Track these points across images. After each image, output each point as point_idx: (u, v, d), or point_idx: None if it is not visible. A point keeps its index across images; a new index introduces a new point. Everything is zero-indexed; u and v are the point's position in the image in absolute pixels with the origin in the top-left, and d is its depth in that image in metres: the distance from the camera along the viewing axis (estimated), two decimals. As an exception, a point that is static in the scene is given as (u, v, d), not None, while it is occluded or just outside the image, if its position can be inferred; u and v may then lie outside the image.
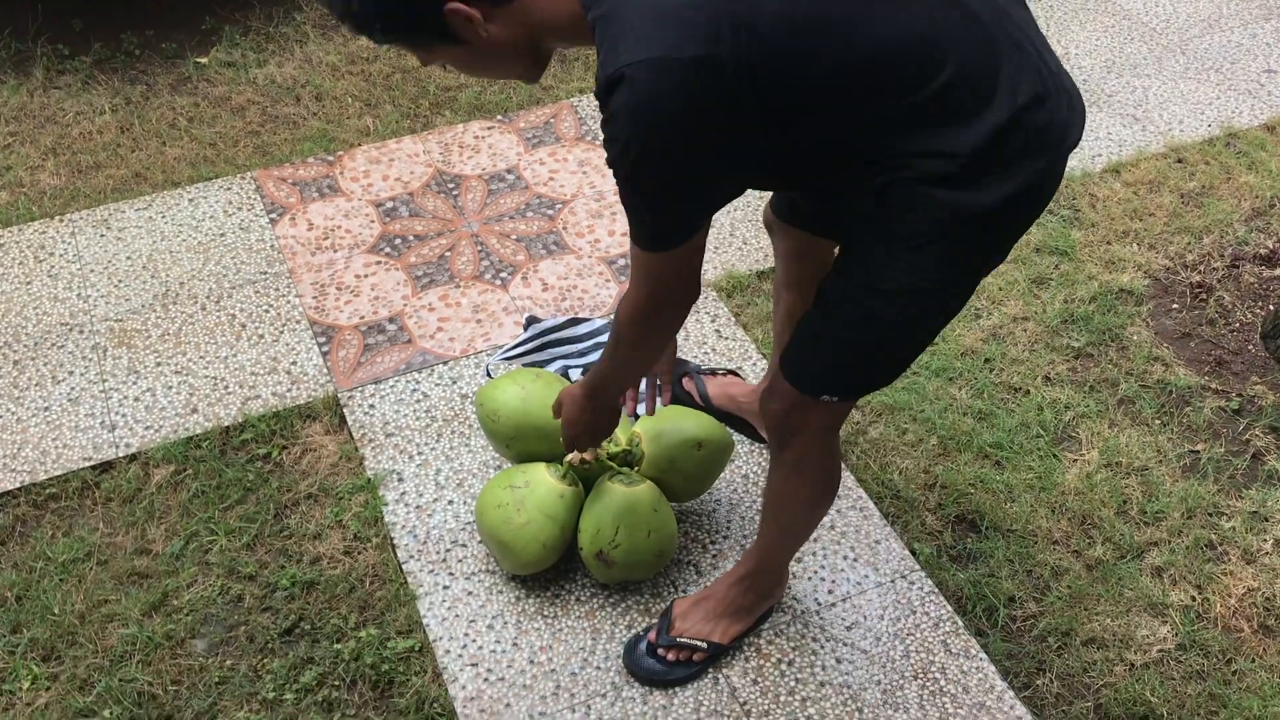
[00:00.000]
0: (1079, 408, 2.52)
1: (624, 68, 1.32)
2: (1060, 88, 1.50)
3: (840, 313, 1.61)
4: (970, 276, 1.59)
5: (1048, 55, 1.51)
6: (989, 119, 1.43)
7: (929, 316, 1.61)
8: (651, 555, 2.07)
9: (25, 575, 2.16)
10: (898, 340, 1.63)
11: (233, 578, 2.17)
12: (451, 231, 2.92)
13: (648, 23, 1.32)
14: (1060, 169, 1.54)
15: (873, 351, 1.64)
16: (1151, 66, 3.53)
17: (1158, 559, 2.24)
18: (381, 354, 2.59)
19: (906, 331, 1.62)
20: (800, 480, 1.84)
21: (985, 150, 1.43)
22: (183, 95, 3.33)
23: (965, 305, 1.68)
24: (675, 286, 1.55)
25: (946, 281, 1.56)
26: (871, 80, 1.41)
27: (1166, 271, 2.85)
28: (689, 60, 1.31)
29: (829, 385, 1.67)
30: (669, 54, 1.31)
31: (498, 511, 2.06)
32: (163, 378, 2.52)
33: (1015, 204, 1.49)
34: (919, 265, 1.51)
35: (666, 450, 2.11)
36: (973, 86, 1.43)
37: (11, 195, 2.99)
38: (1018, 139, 1.44)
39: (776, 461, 1.84)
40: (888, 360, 1.67)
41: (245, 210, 2.96)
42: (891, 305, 1.56)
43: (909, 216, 1.48)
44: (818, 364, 1.67)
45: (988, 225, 1.51)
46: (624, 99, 1.33)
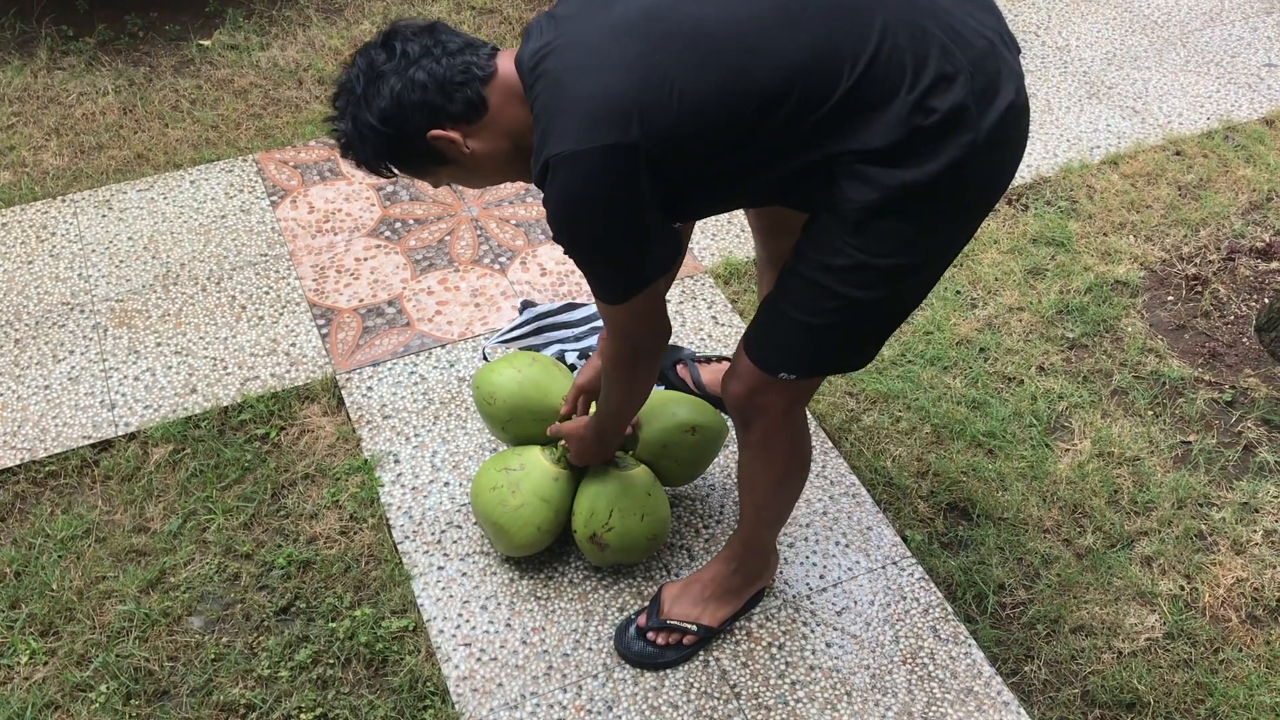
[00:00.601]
0: (1072, 398, 2.53)
1: (549, 159, 1.48)
2: (977, 63, 1.50)
3: (796, 291, 1.64)
4: (924, 255, 1.60)
5: (962, 30, 1.52)
6: (894, 110, 1.47)
7: (886, 296, 1.62)
8: (645, 538, 2.08)
9: (24, 551, 2.18)
10: (854, 320, 1.65)
11: (230, 556, 2.19)
12: (451, 216, 2.94)
13: (564, 116, 1.48)
14: (1000, 139, 1.53)
15: (829, 330, 1.66)
16: (1152, 59, 3.53)
17: (1147, 548, 2.26)
18: (380, 337, 2.61)
19: (862, 311, 1.63)
20: (767, 459, 1.86)
21: (902, 139, 1.48)
22: (185, 77, 3.35)
23: (931, 288, 1.68)
24: (645, 332, 1.71)
25: (897, 258, 1.57)
26: (776, 113, 1.48)
27: (1162, 264, 2.86)
28: (600, 150, 1.46)
29: (787, 363, 1.70)
30: (581, 147, 1.46)
31: (492, 494, 2.07)
32: (162, 358, 2.54)
33: (950, 180, 1.51)
34: (867, 242, 1.54)
35: (660, 434, 2.13)
36: (877, 80, 1.47)
37: (14, 175, 3.00)
38: (931, 120, 1.47)
39: (743, 442, 1.86)
40: (846, 340, 1.69)
41: (246, 192, 2.97)
42: (843, 282, 1.59)
43: (854, 194, 1.52)
44: (775, 342, 1.70)
45: (929, 200, 1.52)
46: (552, 189, 1.51)
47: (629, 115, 1.45)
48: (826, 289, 1.60)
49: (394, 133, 1.56)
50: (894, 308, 1.66)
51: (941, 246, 1.63)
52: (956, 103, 1.48)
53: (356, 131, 1.58)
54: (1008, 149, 1.58)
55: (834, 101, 1.47)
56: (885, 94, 1.47)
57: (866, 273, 1.57)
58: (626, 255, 1.58)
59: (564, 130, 1.47)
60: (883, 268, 1.57)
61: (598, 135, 1.46)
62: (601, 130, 1.46)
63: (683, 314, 2.67)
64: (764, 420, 1.79)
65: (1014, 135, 1.57)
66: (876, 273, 1.57)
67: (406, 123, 1.55)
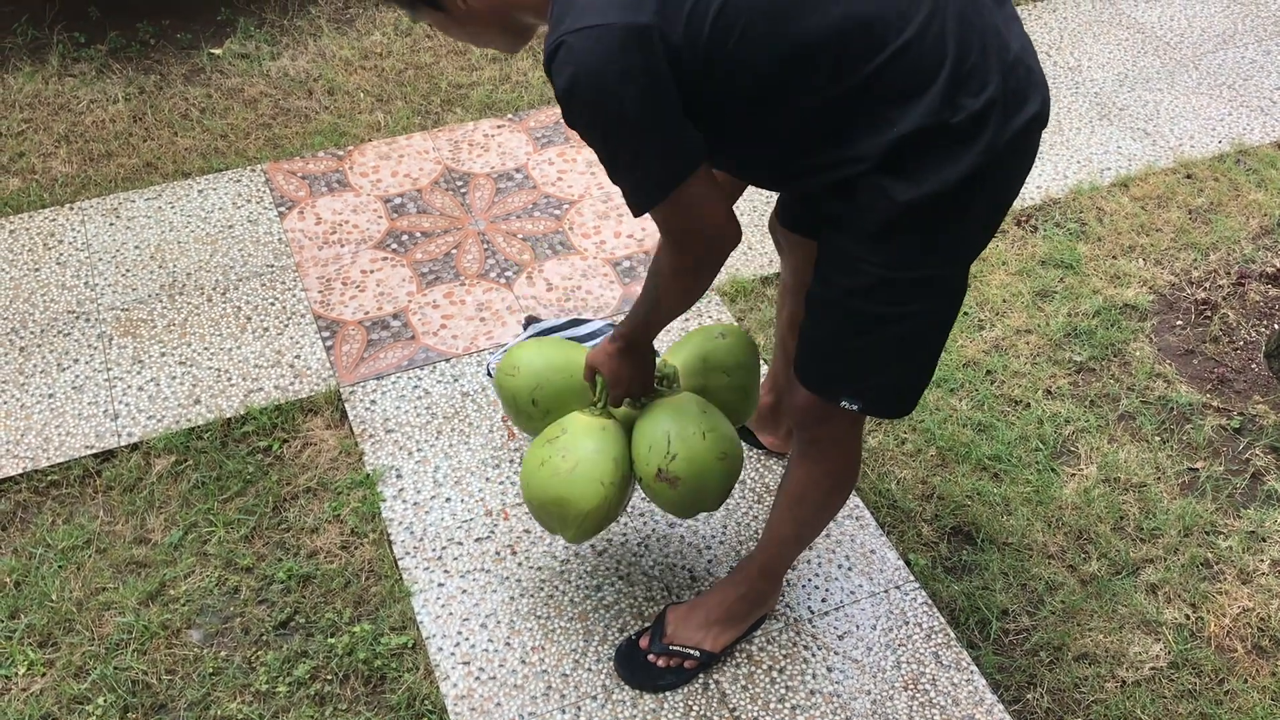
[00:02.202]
0: (1079, 422, 2.52)
1: (564, 35, 1.41)
2: (1009, 68, 1.49)
3: (830, 319, 1.64)
4: (949, 260, 1.59)
5: (1002, 32, 1.50)
6: (926, 101, 1.44)
7: (921, 309, 1.61)
8: (715, 459, 1.89)
9: (24, 561, 2.18)
10: (899, 335, 1.63)
11: (230, 569, 2.19)
12: (458, 229, 2.93)
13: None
14: (1019, 148, 1.52)
15: (877, 351, 1.64)
16: (1164, 81, 3.52)
17: (1153, 576, 2.24)
18: (385, 350, 2.61)
19: (905, 324, 1.61)
20: (824, 471, 1.84)
21: (926, 131, 1.45)
22: (196, 86, 3.35)
23: (963, 299, 1.66)
24: (699, 232, 1.55)
25: (923, 269, 1.56)
26: (804, 69, 1.44)
27: (1171, 288, 2.85)
28: (619, 28, 1.39)
29: (844, 390, 1.67)
30: (603, 22, 1.39)
31: (543, 469, 1.90)
32: (167, 368, 2.54)
33: (968, 188, 1.49)
34: (886, 256, 1.53)
35: (699, 374, 2.00)
36: (916, 60, 1.44)
37: (23, 182, 3.01)
38: (959, 118, 1.45)
39: (801, 453, 1.83)
40: (892, 361, 1.66)
41: (254, 203, 2.97)
42: (873, 300, 1.57)
43: (870, 209, 1.50)
44: (828, 370, 1.69)
45: (948, 208, 1.51)
46: (565, 67, 1.41)
47: (658, 4, 1.40)
48: (860, 312, 1.59)
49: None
50: (938, 316, 1.64)
51: (963, 251, 1.61)
52: (989, 99, 1.46)
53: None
54: (1025, 158, 1.57)
55: (871, 69, 1.43)
56: (921, 80, 1.44)
57: (894, 288, 1.56)
58: (656, 143, 1.47)
59: (585, 8, 1.41)
60: (909, 280, 1.56)
61: (621, 14, 1.39)
62: (626, 10, 1.39)
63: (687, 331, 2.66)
64: (824, 433, 1.77)
65: (1030, 147, 1.56)
66: (904, 286, 1.56)
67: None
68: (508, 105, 3.32)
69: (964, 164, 1.47)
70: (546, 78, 1.45)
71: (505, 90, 3.38)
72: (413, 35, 3.57)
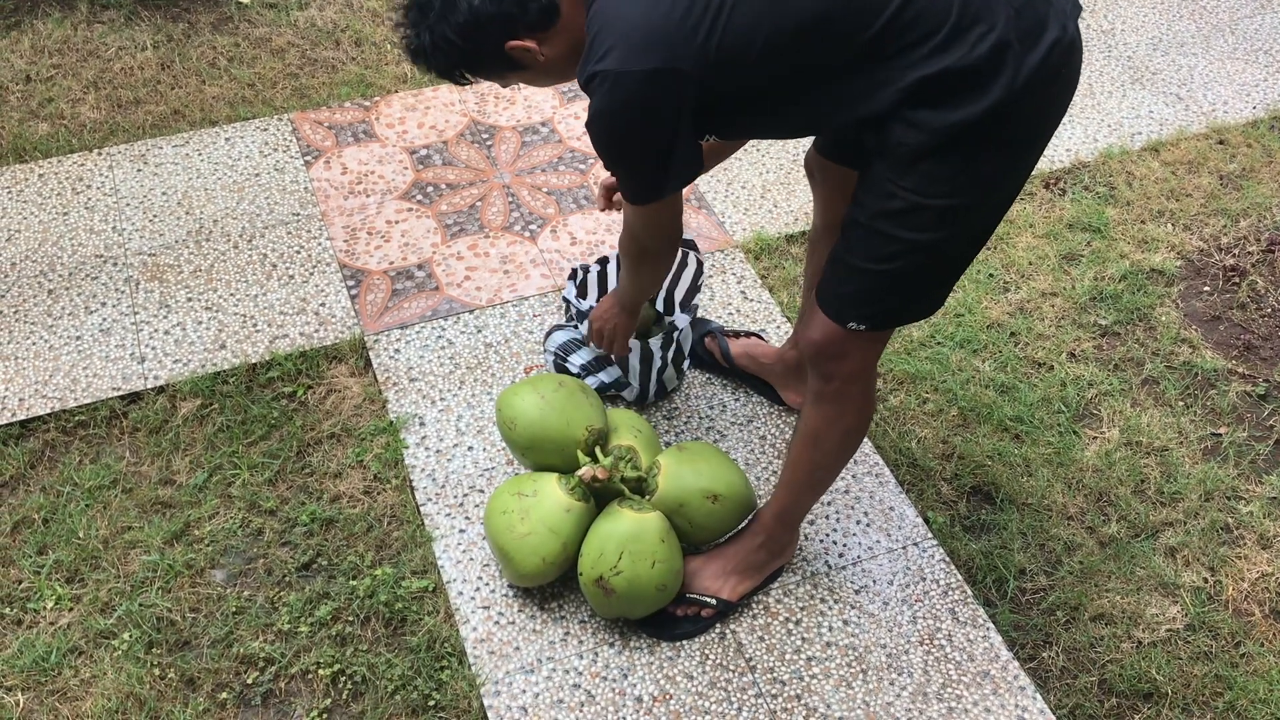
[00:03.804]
0: (1102, 385, 2.51)
1: (594, 72, 1.56)
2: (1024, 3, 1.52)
3: (858, 240, 1.67)
4: (978, 195, 1.61)
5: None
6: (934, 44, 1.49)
7: (945, 238, 1.63)
8: (653, 588, 1.95)
9: (53, 499, 2.21)
10: (917, 265, 1.66)
11: (254, 511, 2.21)
12: (483, 182, 2.93)
13: (613, 33, 1.54)
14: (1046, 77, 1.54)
15: (894, 277, 1.67)
16: (1199, 45, 3.47)
17: (1172, 539, 2.24)
18: (409, 300, 2.62)
19: (924, 254, 1.64)
20: (839, 411, 1.85)
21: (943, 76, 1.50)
22: (224, 35, 3.35)
23: (992, 231, 1.69)
24: (655, 237, 1.84)
25: (950, 199, 1.58)
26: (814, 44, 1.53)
27: (1200, 253, 2.82)
28: (641, 74, 1.54)
29: (856, 313, 1.71)
30: (624, 69, 1.53)
31: (502, 518, 2.00)
32: (193, 313, 2.56)
33: (995, 119, 1.52)
34: (918, 183, 1.57)
35: (679, 493, 2.01)
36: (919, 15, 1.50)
37: (52, 127, 3.02)
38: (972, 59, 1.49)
39: (816, 394, 1.85)
40: (912, 286, 1.70)
41: (281, 151, 2.98)
42: (901, 226, 1.61)
43: (902, 139, 1.55)
44: (843, 292, 1.72)
45: (976, 140, 1.54)
46: (595, 101, 1.59)
47: (674, 41, 1.52)
48: (886, 234, 1.63)
49: (472, 47, 1.64)
50: (956, 251, 1.68)
51: (994, 185, 1.63)
52: (998, 41, 1.49)
53: (434, 44, 1.66)
54: (1056, 84, 1.57)
55: (872, 33, 1.51)
56: (927, 31, 1.50)
57: (922, 214, 1.59)
58: (650, 169, 1.68)
59: (611, 47, 1.54)
60: (937, 209, 1.59)
61: (642, 59, 1.53)
62: (646, 55, 1.53)
63: (712, 288, 2.67)
64: (840, 371, 1.80)
65: (1065, 72, 1.57)
66: (932, 214, 1.59)
67: (485, 36, 1.63)
68: (535, 59, 3.31)
69: (988, 99, 1.51)
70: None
71: (532, 44, 3.36)
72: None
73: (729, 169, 2.98)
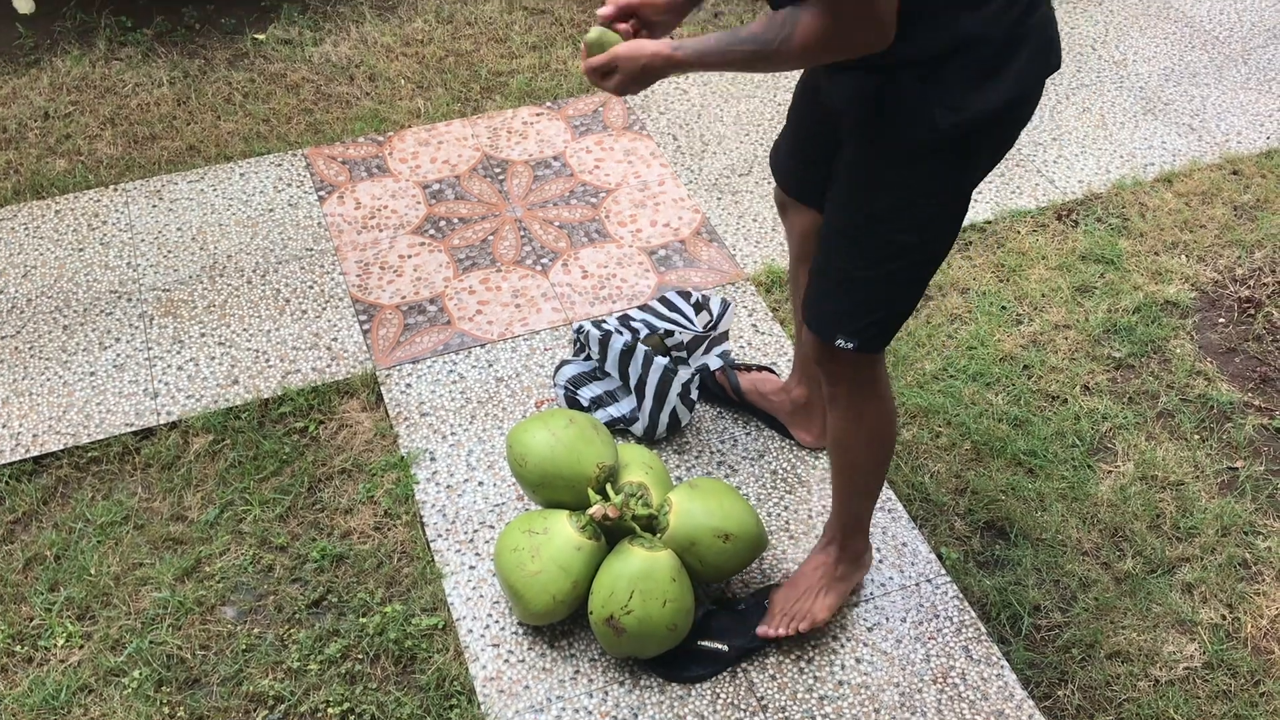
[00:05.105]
0: (1117, 419, 2.49)
1: None
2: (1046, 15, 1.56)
3: (839, 249, 1.67)
4: (963, 194, 1.63)
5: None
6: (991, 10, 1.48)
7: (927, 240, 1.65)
8: (665, 627, 1.94)
9: (65, 535, 2.21)
10: (899, 269, 1.66)
11: (265, 548, 2.21)
12: (496, 215, 2.95)
13: None
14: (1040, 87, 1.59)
15: (878, 284, 1.68)
16: (1211, 76, 3.46)
17: (1189, 575, 2.22)
18: (421, 334, 2.62)
19: (908, 258, 1.65)
20: (856, 416, 1.86)
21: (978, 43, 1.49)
22: (239, 70, 3.38)
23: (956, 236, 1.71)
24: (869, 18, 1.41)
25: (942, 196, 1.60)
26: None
27: (1214, 285, 2.81)
28: None
29: (841, 329, 1.71)
30: None
31: (512, 555, 1.99)
32: (206, 348, 2.57)
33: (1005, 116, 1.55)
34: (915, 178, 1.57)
35: (691, 531, 2.00)
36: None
37: (70, 163, 3.05)
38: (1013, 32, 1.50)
39: (830, 404, 1.87)
40: (895, 292, 1.70)
41: (295, 187, 3.00)
42: (889, 225, 1.62)
43: (907, 129, 1.53)
44: (825, 307, 1.72)
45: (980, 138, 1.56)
46: None
47: None
48: (875, 236, 1.62)
49: None
50: (940, 250, 1.68)
51: (975, 181, 1.65)
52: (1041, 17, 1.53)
53: None
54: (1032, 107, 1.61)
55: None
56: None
57: (915, 213, 1.60)
58: None
59: None
60: (930, 206, 1.60)
61: None
62: None
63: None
64: (845, 381, 1.81)
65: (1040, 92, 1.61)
66: (923, 211, 1.60)
67: None
68: (547, 93, 3.33)
69: (1001, 91, 1.52)
70: None
71: (544, 78, 3.38)
72: (454, 23, 3.59)
73: (739, 201, 2.98)
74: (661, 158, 3.12)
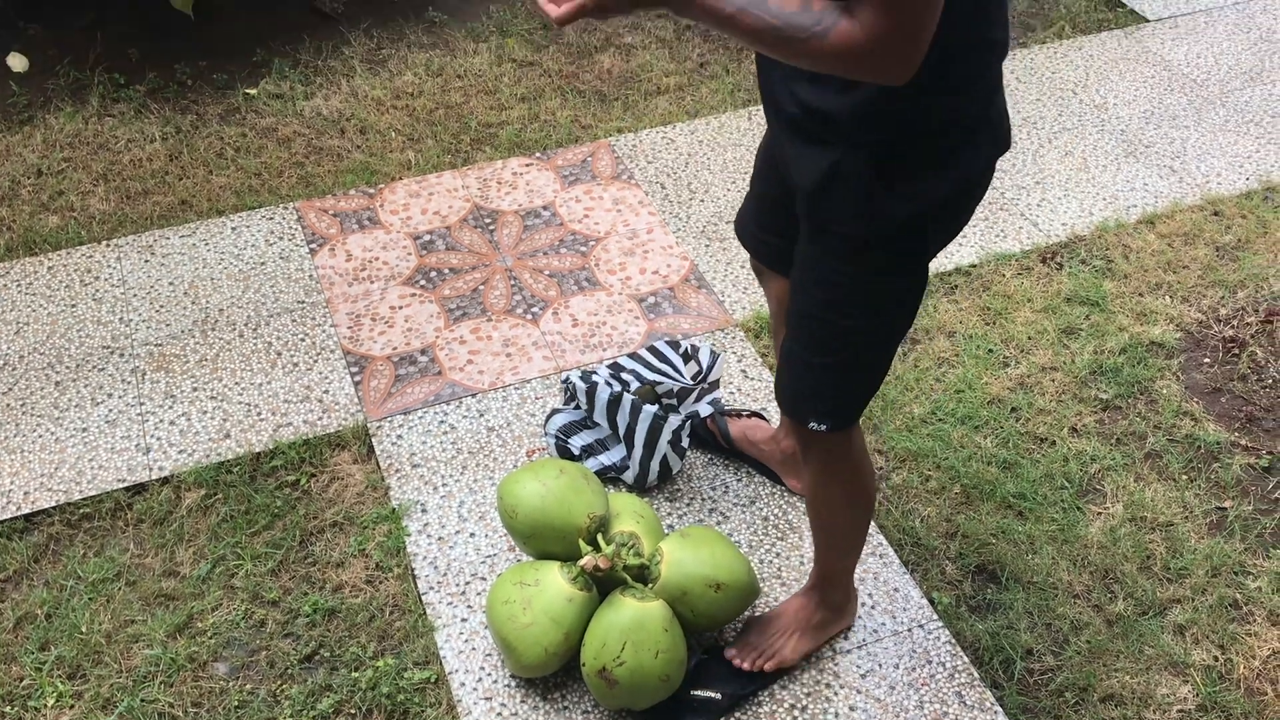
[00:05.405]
0: (1105, 460, 2.50)
1: None
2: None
3: (804, 331, 1.68)
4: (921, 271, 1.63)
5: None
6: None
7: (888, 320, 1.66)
8: (657, 679, 1.94)
9: (56, 593, 2.21)
10: (864, 349, 1.67)
11: (257, 602, 2.21)
12: (486, 265, 2.97)
13: None
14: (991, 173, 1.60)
15: (842, 369, 1.69)
16: (1190, 118, 3.51)
17: (1180, 617, 2.22)
18: (412, 385, 2.64)
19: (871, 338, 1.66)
20: (829, 479, 1.88)
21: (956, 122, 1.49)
22: (231, 125, 3.42)
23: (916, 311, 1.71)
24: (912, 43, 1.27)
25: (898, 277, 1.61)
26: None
27: (1199, 325, 2.83)
28: None
29: (813, 411, 1.72)
30: None
31: (504, 608, 2.00)
32: (198, 402, 2.58)
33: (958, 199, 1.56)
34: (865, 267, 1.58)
35: (682, 580, 2.00)
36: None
37: (62, 219, 3.07)
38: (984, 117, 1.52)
39: (805, 463, 1.88)
40: (861, 372, 1.71)
41: (286, 240, 3.02)
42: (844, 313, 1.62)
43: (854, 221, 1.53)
44: (797, 388, 1.73)
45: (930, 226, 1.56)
46: None
47: None
48: (834, 325, 1.63)
49: None
50: (903, 325, 1.69)
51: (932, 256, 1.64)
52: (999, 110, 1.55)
53: None
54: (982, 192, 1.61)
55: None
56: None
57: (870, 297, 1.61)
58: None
59: None
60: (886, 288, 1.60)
61: None
62: None
63: (712, 368, 2.68)
64: (820, 452, 1.81)
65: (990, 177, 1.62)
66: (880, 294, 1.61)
67: None
68: (536, 144, 3.37)
69: (955, 180, 1.52)
70: None
71: (534, 129, 3.42)
72: (444, 75, 3.63)
73: (727, 249, 3.01)
74: (650, 206, 3.15)
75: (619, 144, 3.37)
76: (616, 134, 3.41)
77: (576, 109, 3.51)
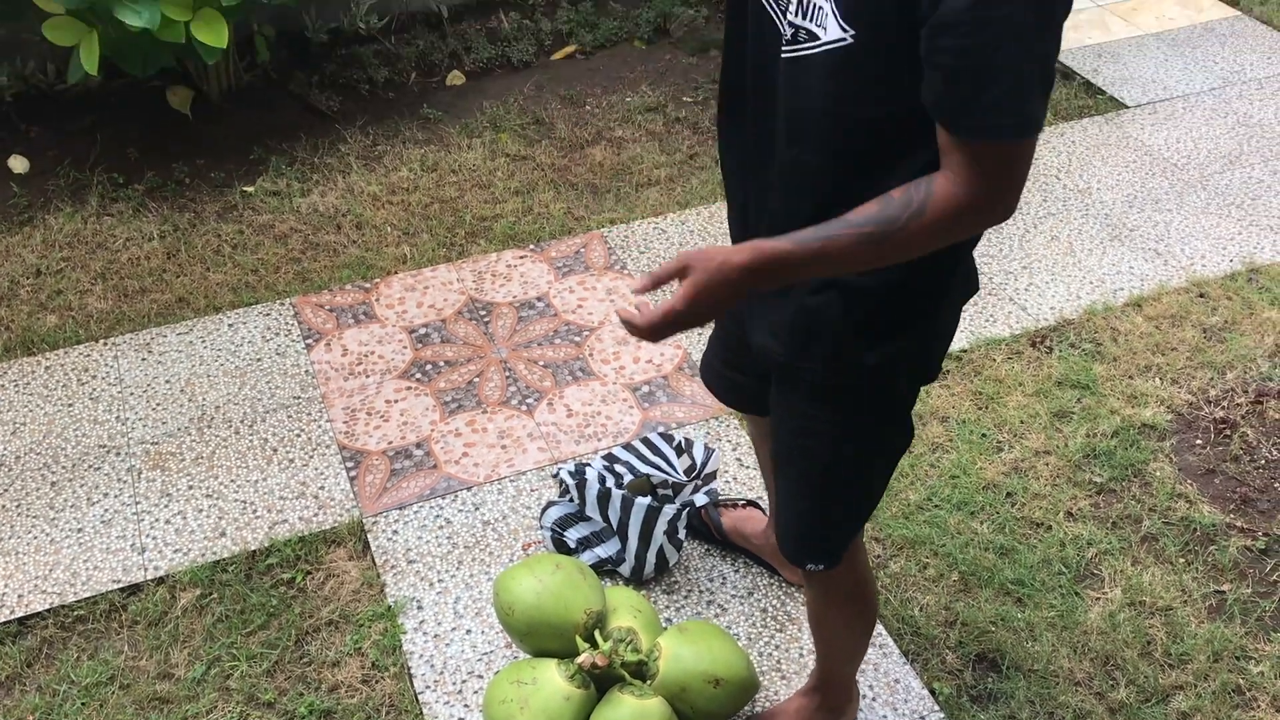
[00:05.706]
0: (1101, 544, 2.50)
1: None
2: None
3: (791, 479, 1.68)
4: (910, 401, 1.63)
5: None
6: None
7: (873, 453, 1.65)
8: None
9: (48, 699, 2.19)
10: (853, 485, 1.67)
11: (252, 704, 2.19)
12: (481, 357, 2.99)
13: None
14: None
15: (834, 510, 1.69)
16: (1173, 201, 3.58)
17: (1183, 703, 2.20)
18: (407, 479, 2.64)
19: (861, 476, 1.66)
20: (827, 600, 1.88)
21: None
22: (228, 222, 3.47)
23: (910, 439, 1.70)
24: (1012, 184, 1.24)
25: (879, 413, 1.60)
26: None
27: (1189, 407, 2.85)
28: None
29: (810, 553, 1.73)
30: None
31: (501, 707, 1.98)
32: (194, 501, 2.58)
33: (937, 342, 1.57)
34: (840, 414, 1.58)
35: (681, 677, 1.99)
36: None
37: (60, 319, 3.10)
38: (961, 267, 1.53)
39: (807, 595, 1.89)
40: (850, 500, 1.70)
41: (282, 335, 3.05)
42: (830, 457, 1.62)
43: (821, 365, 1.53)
44: (794, 532, 1.74)
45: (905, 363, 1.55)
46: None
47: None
48: (808, 472, 1.64)
49: None
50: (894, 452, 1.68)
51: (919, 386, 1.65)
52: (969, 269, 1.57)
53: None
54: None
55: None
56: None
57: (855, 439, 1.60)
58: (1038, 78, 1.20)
59: None
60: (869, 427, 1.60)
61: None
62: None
63: (707, 457, 2.69)
64: (818, 581, 1.82)
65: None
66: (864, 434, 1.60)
67: None
68: (530, 236, 3.41)
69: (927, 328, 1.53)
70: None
71: (527, 222, 3.47)
72: (438, 170, 3.70)
73: (721, 338, 3.04)
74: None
75: (611, 235, 3.42)
76: (609, 225, 3.46)
77: (569, 201, 3.57)
